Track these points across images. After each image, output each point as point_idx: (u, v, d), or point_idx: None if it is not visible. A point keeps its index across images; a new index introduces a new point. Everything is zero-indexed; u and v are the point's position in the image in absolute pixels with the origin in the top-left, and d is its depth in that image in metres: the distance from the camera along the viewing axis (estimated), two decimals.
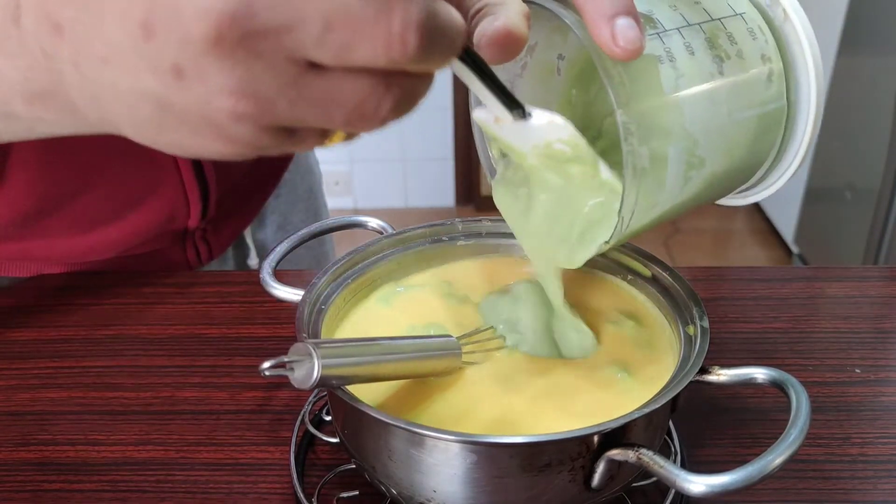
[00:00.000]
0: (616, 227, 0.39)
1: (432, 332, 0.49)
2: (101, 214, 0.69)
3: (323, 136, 0.32)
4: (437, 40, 0.28)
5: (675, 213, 0.42)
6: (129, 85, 0.29)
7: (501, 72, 0.44)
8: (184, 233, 0.75)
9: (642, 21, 0.36)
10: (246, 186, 0.80)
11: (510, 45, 0.34)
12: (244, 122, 0.29)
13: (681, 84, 0.38)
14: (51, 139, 0.60)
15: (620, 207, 0.38)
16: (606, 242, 0.41)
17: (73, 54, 0.29)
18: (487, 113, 0.38)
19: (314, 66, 0.28)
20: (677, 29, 0.39)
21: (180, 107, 0.29)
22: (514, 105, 0.37)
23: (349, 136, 0.33)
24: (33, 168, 0.64)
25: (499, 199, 0.47)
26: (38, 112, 0.33)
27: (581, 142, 0.38)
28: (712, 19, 0.40)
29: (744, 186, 0.47)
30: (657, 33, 0.38)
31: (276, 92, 0.28)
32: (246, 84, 0.28)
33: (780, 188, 0.46)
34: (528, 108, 0.37)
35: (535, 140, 0.39)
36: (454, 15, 0.28)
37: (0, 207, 0.65)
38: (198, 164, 0.70)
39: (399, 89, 0.29)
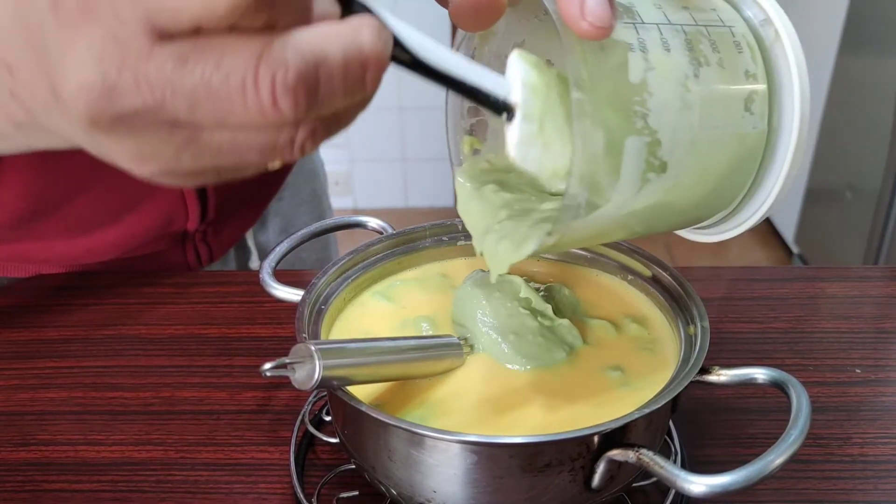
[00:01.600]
0: (560, 213, 0.35)
1: (424, 327, 0.49)
2: (98, 217, 0.69)
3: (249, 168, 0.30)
4: (329, 87, 0.26)
5: (633, 227, 0.39)
6: (67, 132, 0.28)
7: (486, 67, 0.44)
8: (183, 235, 0.75)
9: (619, 8, 0.34)
10: (246, 190, 0.80)
11: (489, 8, 0.32)
12: (163, 177, 0.28)
13: (650, 77, 0.35)
14: None
15: (566, 190, 0.34)
16: (549, 234, 0.37)
17: (26, 97, 0.29)
18: (468, 165, 0.35)
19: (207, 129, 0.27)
20: (656, 25, 0.37)
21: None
22: (498, 107, 0.34)
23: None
24: (28, 170, 0.63)
25: (460, 188, 0.45)
26: (28, 134, 0.33)
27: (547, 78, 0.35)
28: (696, 24, 0.38)
29: (713, 220, 0.44)
30: (633, 23, 0.36)
31: (175, 152, 0.27)
32: (141, 151, 0.27)
33: (753, 226, 0.42)
34: (509, 98, 0.34)
35: (532, 129, 0.35)
36: (356, 43, 0.26)
37: None
38: None
39: (312, 121, 0.27)
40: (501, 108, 0.34)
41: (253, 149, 0.27)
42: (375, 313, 0.51)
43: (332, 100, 0.26)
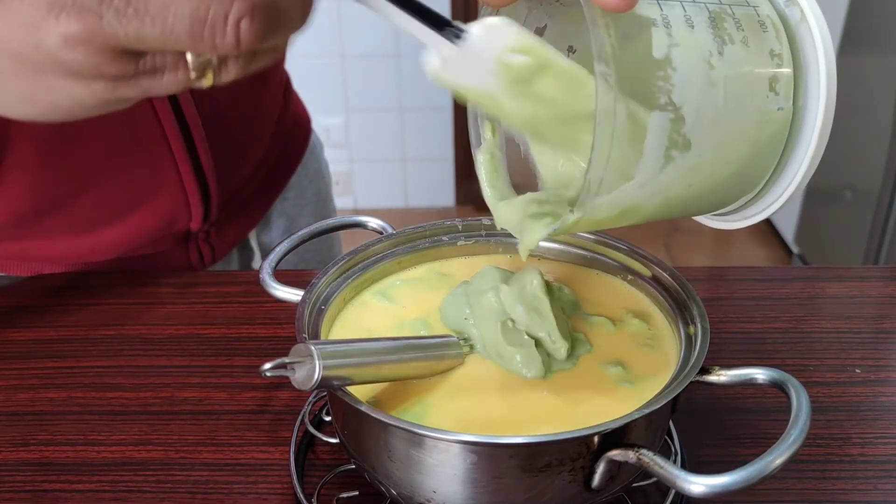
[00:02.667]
0: (582, 190, 0.35)
1: (422, 330, 0.49)
2: (100, 216, 0.69)
3: (179, 65, 0.28)
4: None
5: (657, 208, 0.39)
6: None
7: None
8: (186, 235, 0.75)
9: None
10: (250, 190, 0.80)
11: None
12: (76, 44, 0.26)
13: (673, 53, 0.35)
14: (47, 140, 0.59)
15: (588, 166, 0.34)
16: (572, 211, 0.36)
17: None
18: (431, 56, 0.34)
19: None
20: (680, 2, 0.36)
21: (13, 46, 0.27)
22: (440, 24, 0.32)
23: (220, 74, 0.29)
24: (30, 169, 0.63)
25: (480, 167, 0.46)
26: None
27: (532, 40, 0.34)
28: (721, 3, 0.37)
29: (736, 205, 0.43)
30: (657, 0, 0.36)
31: (97, 1, 0.25)
32: None
33: (781, 207, 0.41)
34: (460, 24, 0.33)
35: (486, 65, 0.34)
36: None
37: None
38: (198, 167, 0.70)
39: None
40: (444, 25, 0.33)
41: (183, 11, 0.26)
42: (375, 313, 0.51)
43: None
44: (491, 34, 0.34)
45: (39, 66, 0.28)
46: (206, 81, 0.30)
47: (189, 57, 0.28)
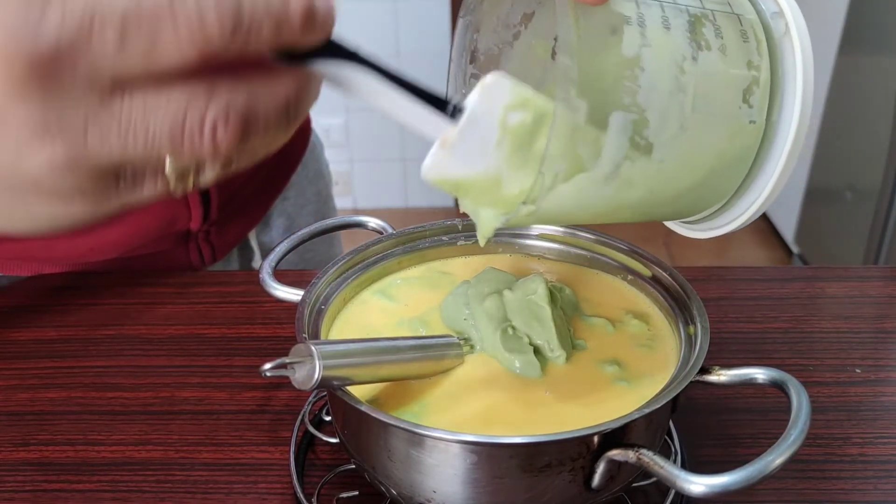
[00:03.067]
0: (536, 182, 0.33)
1: (422, 329, 0.49)
2: None
3: (158, 176, 0.29)
4: (256, 16, 0.25)
5: (614, 210, 0.37)
6: None
7: (492, 35, 0.41)
8: (187, 235, 0.75)
9: None
10: (250, 190, 0.80)
11: None
12: (61, 169, 0.27)
13: (644, 53, 0.33)
14: None
15: (544, 158, 0.32)
16: (524, 203, 0.35)
17: None
18: (430, 156, 0.33)
19: (120, 89, 0.26)
20: (659, 2, 0.35)
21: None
22: (441, 104, 0.31)
23: (198, 178, 0.30)
24: None
25: None
26: None
27: (527, 91, 0.33)
28: (703, 7, 0.36)
29: (703, 214, 0.42)
30: None
31: (83, 124, 0.26)
32: (48, 123, 0.26)
33: (747, 222, 0.40)
34: (452, 98, 0.32)
35: (491, 135, 0.33)
36: None
37: None
38: None
39: (226, 94, 0.26)
40: (444, 103, 0.32)
41: (163, 123, 0.26)
42: (376, 311, 0.51)
43: (272, 31, 0.26)
44: (488, 95, 0.33)
45: (21, 190, 0.28)
46: (186, 186, 0.30)
47: (168, 165, 0.29)
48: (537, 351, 0.46)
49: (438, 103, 0.31)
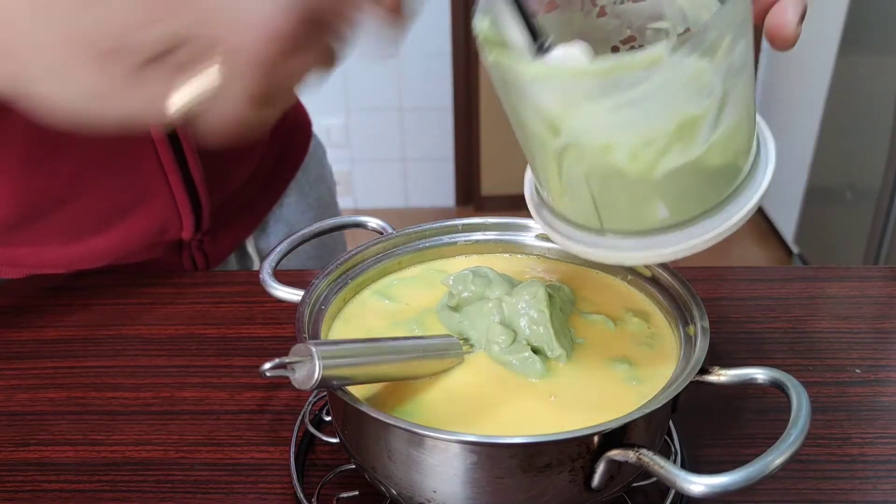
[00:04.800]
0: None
1: (417, 329, 0.49)
2: (88, 224, 0.69)
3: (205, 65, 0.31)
4: None
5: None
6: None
7: None
8: (179, 243, 0.75)
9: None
10: (243, 198, 0.79)
11: None
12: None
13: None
14: (31, 146, 0.60)
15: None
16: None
17: None
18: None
19: None
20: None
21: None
22: (535, 34, 0.35)
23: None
24: (16, 175, 0.63)
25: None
26: None
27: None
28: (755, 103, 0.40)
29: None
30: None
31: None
32: None
33: (697, 251, 0.43)
34: (547, 40, 0.36)
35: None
36: None
37: None
38: (188, 176, 0.69)
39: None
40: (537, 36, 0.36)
41: None
42: (375, 311, 0.51)
43: None
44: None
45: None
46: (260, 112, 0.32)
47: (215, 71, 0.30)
48: (537, 351, 0.46)
49: (535, 35, 0.35)
